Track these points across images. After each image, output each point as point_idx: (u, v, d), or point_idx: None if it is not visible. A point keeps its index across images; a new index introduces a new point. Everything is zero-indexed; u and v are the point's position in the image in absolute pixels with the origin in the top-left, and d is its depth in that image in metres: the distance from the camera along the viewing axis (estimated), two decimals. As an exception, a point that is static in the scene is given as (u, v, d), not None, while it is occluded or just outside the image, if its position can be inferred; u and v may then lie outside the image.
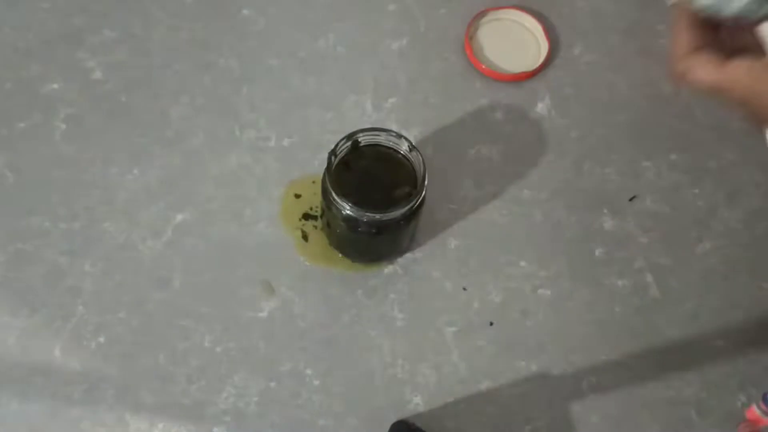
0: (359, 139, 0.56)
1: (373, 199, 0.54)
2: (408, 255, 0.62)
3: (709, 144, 0.69)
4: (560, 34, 0.72)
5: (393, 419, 0.57)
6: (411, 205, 0.53)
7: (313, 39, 0.70)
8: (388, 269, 0.62)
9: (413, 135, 0.66)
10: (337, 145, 0.55)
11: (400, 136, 0.55)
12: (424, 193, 0.54)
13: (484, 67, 0.69)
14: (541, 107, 0.69)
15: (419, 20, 0.72)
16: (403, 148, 0.56)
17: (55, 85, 0.66)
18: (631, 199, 0.64)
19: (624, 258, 0.64)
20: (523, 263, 0.63)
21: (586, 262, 0.63)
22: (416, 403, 0.58)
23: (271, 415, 0.57)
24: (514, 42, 0.72)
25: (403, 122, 0.67)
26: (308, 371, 0.58)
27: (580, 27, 0.73)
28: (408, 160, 0.56)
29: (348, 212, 0.53)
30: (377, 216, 0.53)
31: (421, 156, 0.54)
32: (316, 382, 0.58)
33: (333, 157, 0.54)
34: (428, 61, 0.70)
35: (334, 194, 0.53)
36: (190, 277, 0.61)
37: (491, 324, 0.49)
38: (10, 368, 0.57)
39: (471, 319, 0.61)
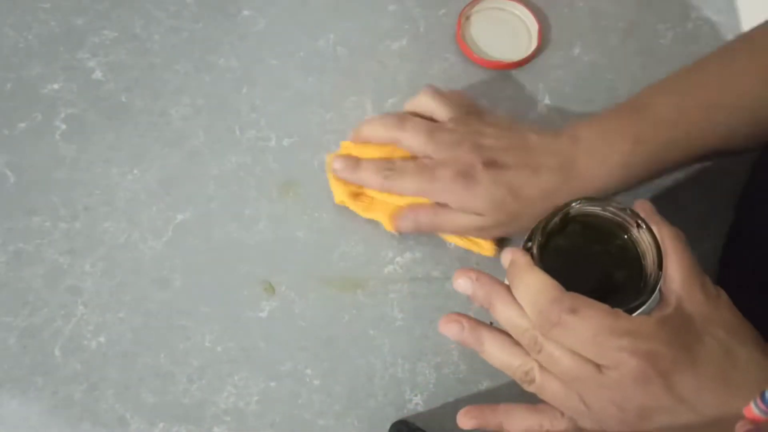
0: (570, 212, 0.42)
1: (584, 283, 0.40)
2: (408, 255, 0.62)
3: (708, 144, 0.69)
4: (560, 34, 0.72)
5: (393, 419, 0.57)
6: (638, 303, 0.39)
7: (313, 39, 0.70)
8: (387, 269, 0.62)
9: (413, 135, 0.66)
10: (548, 222, 0.42)
11: (625, 209, 0.43)
12: (658, 289, 0.40)
13: (476, 56, 0.69)
14: (540, 108, 0.69)
15: (419, 20, 0.72)
16: (629, 225, 0.42)
17: (56, 85, 0.67)
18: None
19: (624, 258, 0.64)
20: (523, 263, 0.63)
21: (586, 262, 0.63)
22: (416, 403, 0.58)
23: (271, 414, 0.57)
24: (504, 28, 0.73)
25: (403, 122, 0.67)
26: (308, 371, 0.58)
27: (580, 27, 0.73)
28: (633, 240, 0.43)
29: None
30: None
31: (655, 240, 0.41)
32: (316, 382, 0.58)
33: (541, 236, 0.41)
34: (428, 61, 0.70)
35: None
36: (190, 277, 0.61)
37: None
38: (10, 368, 0.57)
39: (471, 319, 0.61)
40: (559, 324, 0.36)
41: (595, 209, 0.42)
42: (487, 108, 0.65)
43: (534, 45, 0.71)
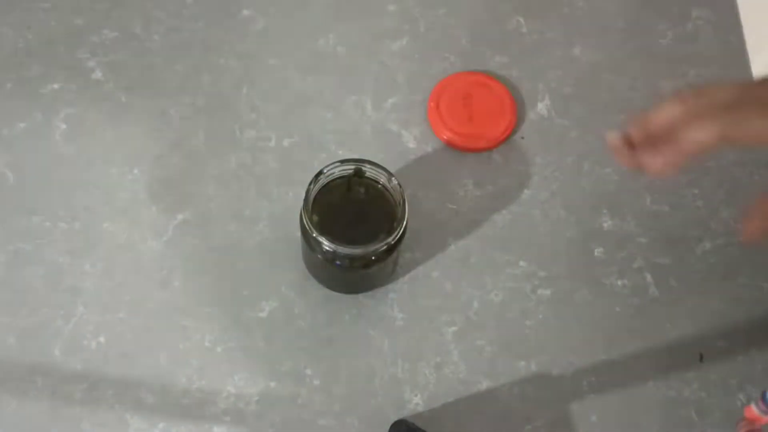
0: (361, 169, 0.54)
1: (350, 233, 0.53)
2: (407, 255, 0.62)
3: (708, 144, 0.69)
4: (560, 34, 0.72)
5: (393, 419, 0.57)
6: (381, 246, 0.52)
7: (313, 39, 0.70)
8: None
9: (413, 135, 0.66)
10: (321, 173, 0.53)
11: (382, 169, 0.54)
12: (401, 231, 0.53)
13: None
14: (541, 107, 0.69)
15: (419, 20, 0.72)
16: (383, 180, 0.54)
17: (56, 85, 0.67)
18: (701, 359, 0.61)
19: (623, 258, 0.64)
20: (522, 263, 0.63)
21: (585, 262, 0.63)
22: (416, 403, 0.58)
23: (271, 415, 0.57)
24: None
25: (403, 122, 0.67)
26: (308, 371, 0.58)
27: (580, 27, 0.73)
28: (390, 194, 0.55)
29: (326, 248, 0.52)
30: (354, 251, 0.52)
31: (402, 191, 0.53)
32: (316, 382, 0.58)
33: (312, 185, 0.53)
34: (428, 61, 0.70)
35: (312, 230, 0.52)
36: (190, 277, 0.61)
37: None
38: (10, 368, 0.57)
39: (471, 319, 0.61)
40: None
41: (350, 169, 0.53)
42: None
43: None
